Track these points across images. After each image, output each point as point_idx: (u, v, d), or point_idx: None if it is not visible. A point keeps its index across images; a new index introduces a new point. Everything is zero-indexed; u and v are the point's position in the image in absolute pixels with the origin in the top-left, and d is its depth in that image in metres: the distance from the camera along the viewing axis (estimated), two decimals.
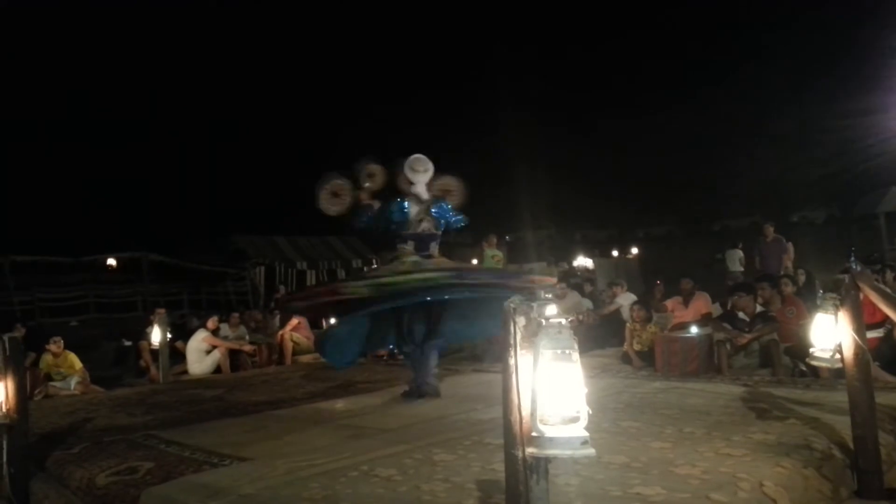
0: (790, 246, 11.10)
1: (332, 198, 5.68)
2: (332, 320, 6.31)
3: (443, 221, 5.46)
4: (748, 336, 6.54)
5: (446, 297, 5.08)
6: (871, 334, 4.91)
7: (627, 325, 7.84)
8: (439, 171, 5.61)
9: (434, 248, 5.44)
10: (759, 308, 6.90)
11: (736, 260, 14.04)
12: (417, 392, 5.39)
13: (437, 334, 5.48)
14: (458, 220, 5.65)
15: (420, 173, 5.41)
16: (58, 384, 7.97)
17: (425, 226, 5.37)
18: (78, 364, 8.23)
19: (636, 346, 7.50)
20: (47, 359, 8.11)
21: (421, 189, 5.41)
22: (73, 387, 7.95)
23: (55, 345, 8.15)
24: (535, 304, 2.06)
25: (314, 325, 10.21)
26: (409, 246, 5.37)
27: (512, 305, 2.05)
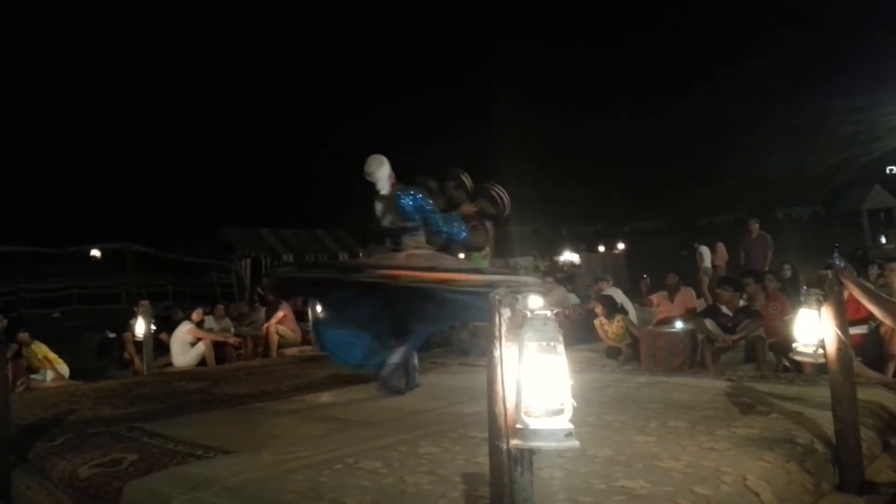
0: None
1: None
2: (318, 309, 6.26)
3: (412, 211, 5.27)
4: (732, 338, 6.59)
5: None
6: (854, 330, 4.95)
7: (595, 321, 7.94)
8: (480, 181, 5.69)
9: (408, 239, 5.29)
10: (742, 303, 6.95)
11: (708, 256, 14.33)
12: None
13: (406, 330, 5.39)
14: (450, 228, 5.43)
15: (374, 173, 5.35)
16: (37, 377, 7.92)
17: (389, 219, 5.32)
18: (42, 354, 8.16)
19: (608, 342, 7.66)
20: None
21: (381, 185, 5.36)
22: (48, 380, 7.89)
23: (22, 335, 8.14)
24: (520, 297, 2.06)
25: (301, 318, 10.19)
26: (388, 242, 5.41)
27: (497, 297, 2.04)
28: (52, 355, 8.35)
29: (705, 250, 14.40)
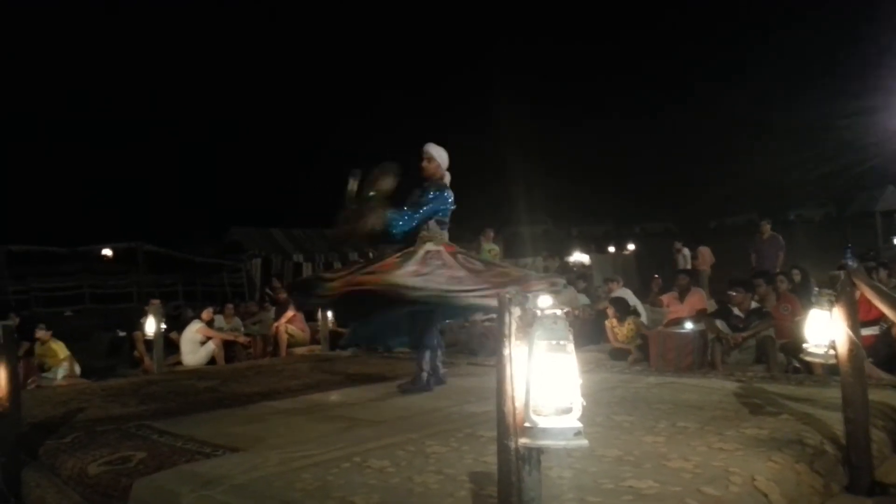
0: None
1: None
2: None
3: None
4: (741, 336, 6.57)
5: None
6: (866, 331, 4.93)
7: (605, 322, 7.95)
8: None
9: (422, 232, 5.28)
10: (754, 304, 6.92)
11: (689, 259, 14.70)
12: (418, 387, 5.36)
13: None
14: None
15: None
16: (47, 375, 7.96)
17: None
18: (62, 353, 8.22)
19: (615, 345, 7.65)
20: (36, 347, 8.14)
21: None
22: (59, 378, 7.93)
23: (41, 332, 8.19)
24: (530, 296, 2.05)
25: (310, 317, 10.21)
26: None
27: (507, 296, 2.04)
28: (67, 353, 8.42)
29: (687, 253, 14.75)
